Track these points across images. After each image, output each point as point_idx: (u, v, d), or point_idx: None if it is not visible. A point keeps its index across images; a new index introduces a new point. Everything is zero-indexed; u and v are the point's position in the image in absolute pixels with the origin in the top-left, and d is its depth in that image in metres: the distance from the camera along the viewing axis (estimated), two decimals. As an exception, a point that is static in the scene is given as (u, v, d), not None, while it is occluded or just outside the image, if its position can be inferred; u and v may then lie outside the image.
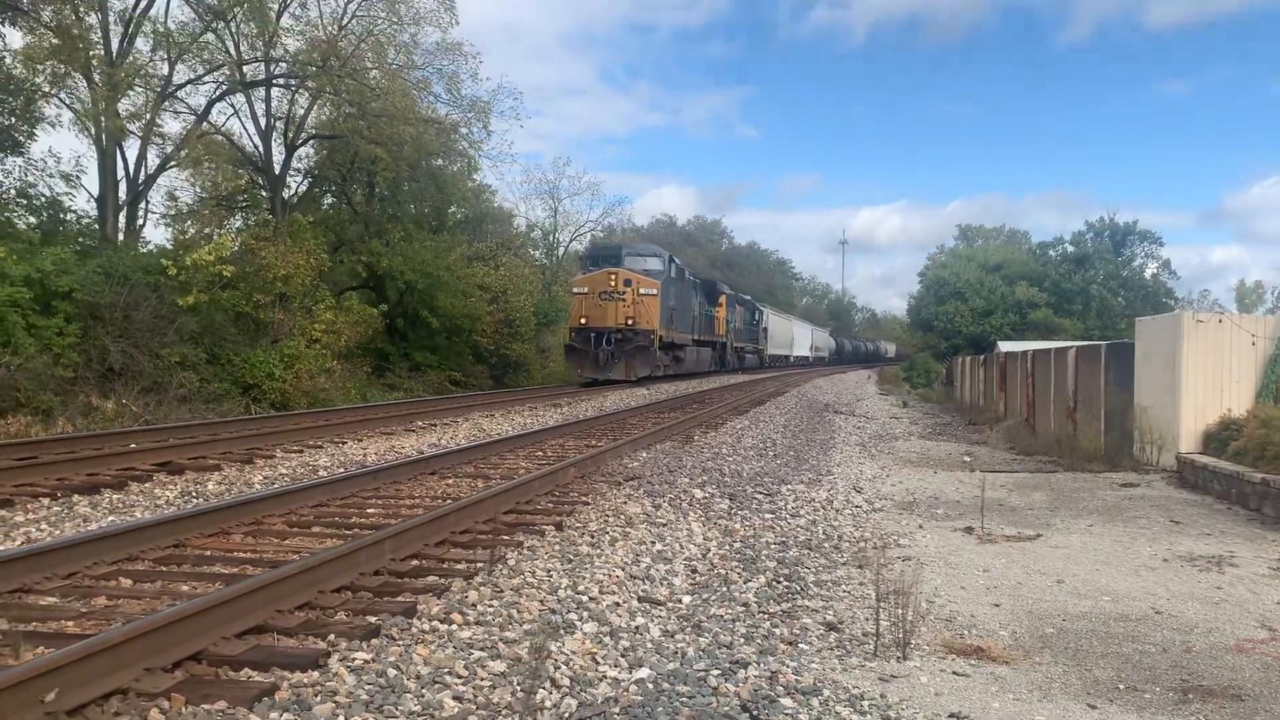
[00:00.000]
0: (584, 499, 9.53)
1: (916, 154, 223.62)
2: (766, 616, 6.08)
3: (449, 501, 8.90)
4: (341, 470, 11.34)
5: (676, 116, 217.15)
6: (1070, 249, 53.00)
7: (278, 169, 27.74)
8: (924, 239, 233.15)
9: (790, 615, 6.15)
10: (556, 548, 7.40)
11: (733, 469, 12.42)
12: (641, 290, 31.61)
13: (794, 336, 74.11)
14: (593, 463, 11.69)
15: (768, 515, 9.43)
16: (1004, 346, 31.26)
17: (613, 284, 31.49)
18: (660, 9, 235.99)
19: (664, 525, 8.54)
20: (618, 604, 6.08)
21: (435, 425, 17.14)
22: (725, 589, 6.65)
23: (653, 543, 7.83)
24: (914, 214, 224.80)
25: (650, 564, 7.14)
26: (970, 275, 50.36)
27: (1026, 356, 21.57)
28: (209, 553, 7.02)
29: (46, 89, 23.27)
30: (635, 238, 55.36)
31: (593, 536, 7.86)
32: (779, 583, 6.92)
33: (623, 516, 8.73)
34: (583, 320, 31.36)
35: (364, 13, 27.05)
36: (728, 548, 7.91)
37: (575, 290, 32.78)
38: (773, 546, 8.06)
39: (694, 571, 7.12)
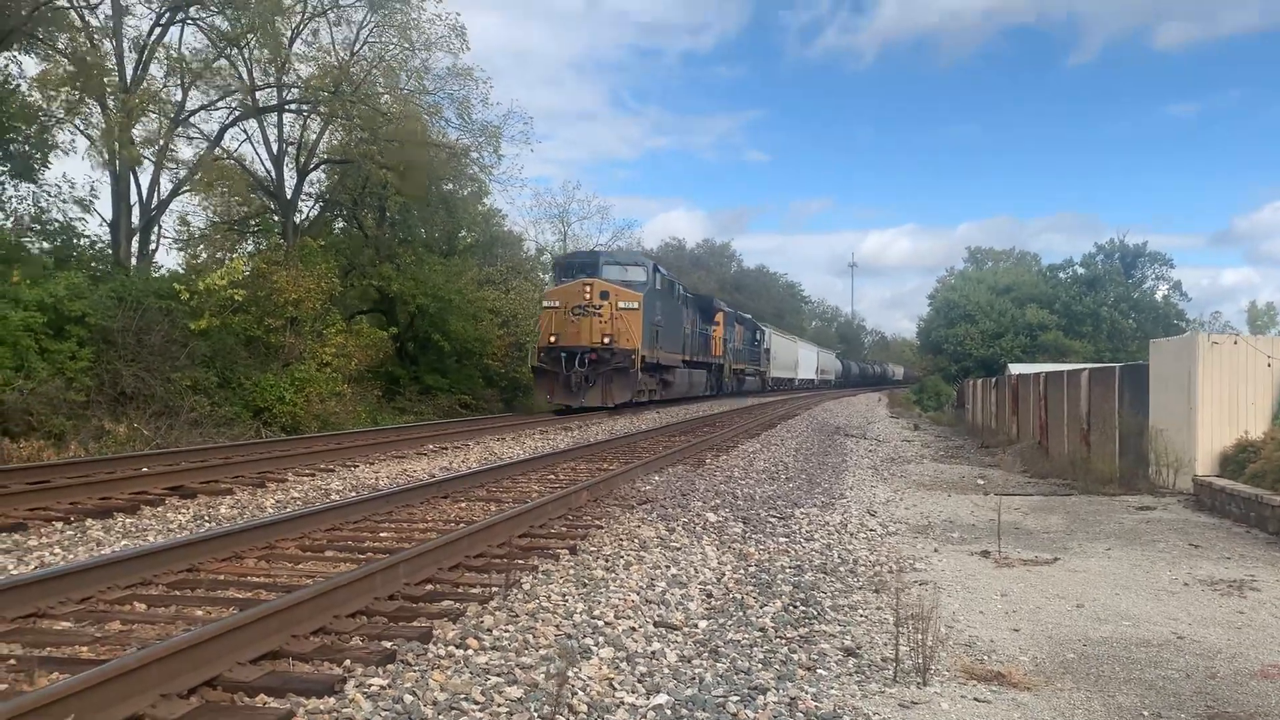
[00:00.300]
0: (597, 522, 9.49)
1: (925, 176, 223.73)
2: (784, 641, 6.02)
3: (462, 525, 8.86)
4: (354, 494, 11.32)
5: (686, 140, 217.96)
6: (1080, 271, 52.95)
7: (289, 193, 27.93)
8: (933, 262, 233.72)
9: (808, 640, 6.09)
10: (571, 572, 7.35)
11: (746, 492, 12.36)
12: (621, 304, 27.67)
13: (799, 358, 72.50)
14: (605, 486, 11.66)
15: (782, 539, 9.36)
16: (1015, 369, 31.17)
17: (588, 296, 27.56)
18: (669, 34, 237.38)
19: (678, 549, 8.49)
20: (634, 629, 6.03)
21: (446, 449, 17.12)
22: (741, 613, 6.59)
23: (667, 567, 7.78)
24: (923, 237, 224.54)
25: (665, 588, 7.09)
26: (980, 298, 50.31)
27: (1039, 379, 21.49)
28: (222, 577, 6.99)
29: (61, 116, 23.50)
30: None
31: (607, 561, 7.82)
32: (795, 607, 6.86)
33: (637, 540, 8.69)
34: (552, 338, 27.56)
35: (376, 39, 27.30)
36: (743, 572, 7.85)
37: (545, 304, 28.96)
38: (788, 571, 8.00)
39: (709, 596, 7.06)
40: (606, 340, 27.10)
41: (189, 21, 24.14)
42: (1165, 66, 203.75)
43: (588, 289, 27.65)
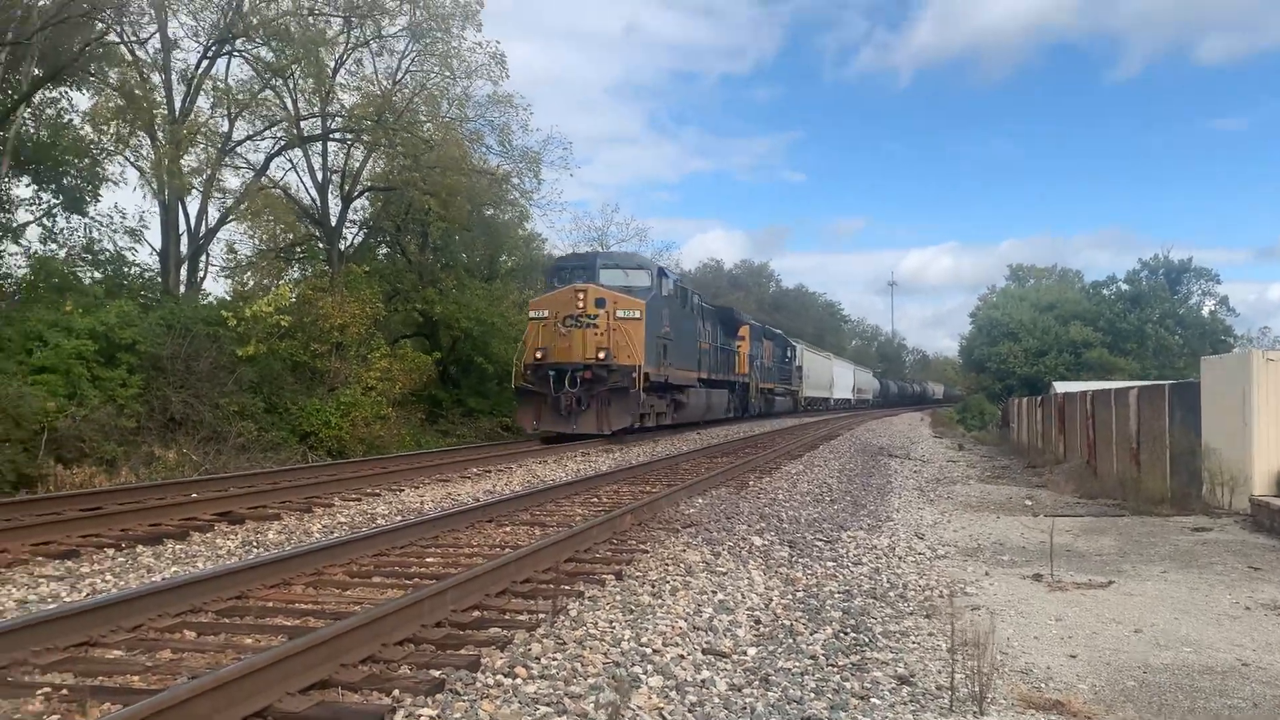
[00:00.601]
0: (642, 547, 9.44)
1: (965, 195, 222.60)
2: (835, 669, 5.93)
3: (508, 550, 8.85)
4: (399, 518, 11.36)
5: (724, 161, 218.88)
6: (1125, 287, 52.28)
7: (334, 221, 28.29)
8: (974, 280, 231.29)
9: (860, 668, 6.00)
10: (617, 598, 7.31)
11: (790, 515, 12.25)
12: (620, 313, 23.82)
13: (834, 377, 69.06)
14: (649, 509, 11.60)
15: (829, 563, 9.26)
16: (1059, 387, 30.76)
17: (581, 305, 23.70)
18: (706, 57, 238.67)
19: (724, 574, 8.42)
20: (682, 656, 5.97)
21: (490, 472, 17.16)
22: (791, 640, 6.51)
23: (714, 592, 7.71)
24: (964, 255, 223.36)
25: (713, 614, 7.03)
26: (1023, 315, 49.77)
27: (1085, 397, 21.16)
28: (271, 604, 7.02)
29: (111, 148, 24.03)
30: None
31: (653, 586, 7.77)
32: (846, 634, 6.76)
33: (682, 565, 8.63)
34: (538, 354, 23.72)
35: (417, 68, 27.67)
36: (790, 597, 7.77)
37: (531, 314, 24.87)
38: (837, 596, 7.90)
39: (758, 622, 6.99)
40: (602, 355, 23.39)
41: (235, 53, 24.62)
42: (1209, 80, 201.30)
43: (581, 296, 23.83)
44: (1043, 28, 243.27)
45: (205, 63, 23.93)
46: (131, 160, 24.64)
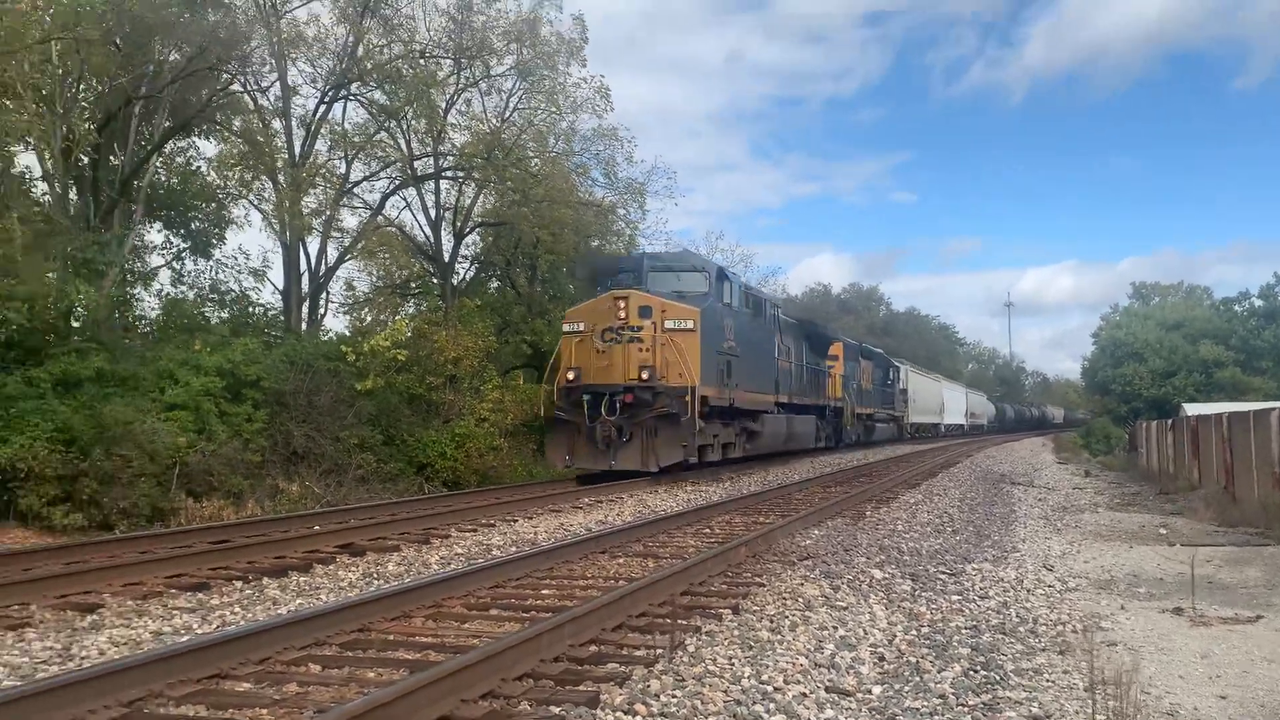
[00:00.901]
0: (758, 580, 9.28)
1: (1084, 211, 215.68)
2: (966, 710, 5.69)
3: (623, 583, 8.80)
4: (514, 549, 11.43)
5: (830, 185, 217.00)
6: (1259, 303, 49.85)
7: (447, 256, 28.93)
8: (1096, 299, 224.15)
9: (992, 708, 5.74)
10: (735, 633, 7.18)
11: (911, 546, 11.92)
12: (669, 323, 20.06)
13: (944, 401, 64.50)
14: (764, 541, 11.43)
15: (954, 597, 8.94)
16: (1190, 409, 29.38)
17: (622, 315, 20.09)
18: (810, 81, 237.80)
19: (845, 608, 8.20)
20: (804, 694, 5.81)
21: (601, 502, 17.18)
22: (918, 678, 6.28)
23: (835, 627, 7.51)
24: (1084, 273, 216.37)
25: (834, 651, 6.84)
26: (1148, 335, 47.89)
27: (1221, 419, 20.12)
28: (392, 637, 7.10)
29: (236, 193, 25.13)
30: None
31: (771, 621, 7.61)
32: (975, 671, 6.49)
33: (800, 599, 8.44)
34: (571, 375, 20.23)
35: (525, 105, 28.19)
36: (915, 633, 7.51)
37: (565, 329, 21.26)
38: (964, 631, 7.61)
39: (881, 659, 6.77)
40: (645, 375, 19.62)
41: (351, 98, 25.50)
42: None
43: (621, 305, 20.19)
44: (1162, 36, 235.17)
45: (323, 108, 24.87)
46: (255, 203, 25.76)
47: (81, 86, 19.74)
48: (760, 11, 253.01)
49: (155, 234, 24.45)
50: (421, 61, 25.01)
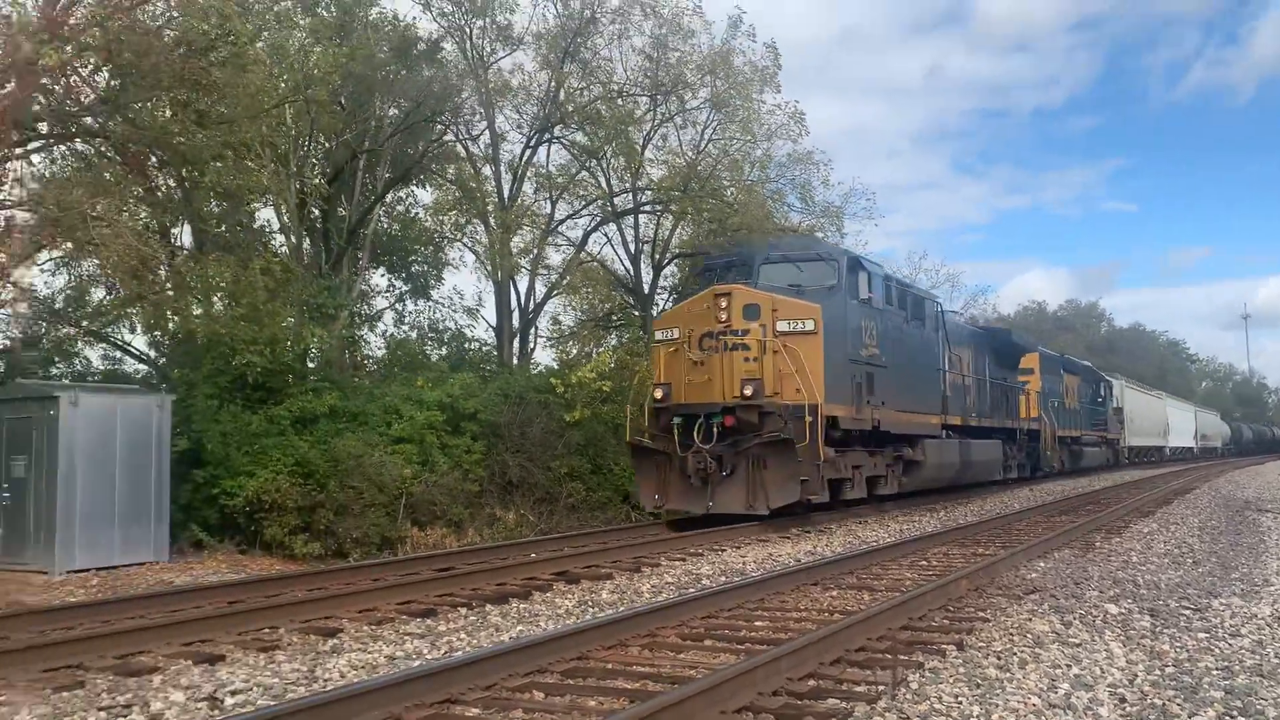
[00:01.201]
0: (982, 614, 8.90)
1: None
2: (1224, 760, 5.25)
3: (839, 616, 8.63)
4: (724, 578, 11.42)
5: (1038, 197, 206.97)
6: None
7: (646, 288, 29.40)
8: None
9: (1255, 760, 5.27)
10: (960, 670, 6.90)
11: (1147, 579, 11.14)
12: (782, 324, 16.33)
13: (1169, 421, 58.63)
14: (985, 574, 10.95)
15: (1200, 634, 8.28)
16: None
17: (724, 317, 16.38)
18: (1016, 91, 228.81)
19: (1078, 645, 7.74)
20: (1040, 737, 5.51)
21: (809, 531, 16.92)
22: (1166, 724, 5.84)
23: (1068, 665, 7.10)
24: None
25: (1069, 690, 6.46)
26: None
27: None
28: (610, 665, 7.21)
29: (450, 236, 26.54)
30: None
31: (998, 658, 7.27)
32: (1231, 717, 5.99)
33: (1029, 635, 8.03)
34: (659, 394, 16.83)
35: (719, 135, 28.35)
36: (1158, 673, 7.00)
37: (657, 335, 17.90)
38: (1215, 672, 7.03)
39: (1122, 700, 6.34)
40: (749, 392, 15.85)
41: (554, 140, 26.40)
42: None
43: (723, 303, 16.43)
44: None
45: (528, 152, 25.85)
46: (468, 246, 27.07)
47: (311, 144, 21.34)
48: (961, 24, 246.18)
49: (379, 278, 26.19)
50: (619, 101, 25.63)
